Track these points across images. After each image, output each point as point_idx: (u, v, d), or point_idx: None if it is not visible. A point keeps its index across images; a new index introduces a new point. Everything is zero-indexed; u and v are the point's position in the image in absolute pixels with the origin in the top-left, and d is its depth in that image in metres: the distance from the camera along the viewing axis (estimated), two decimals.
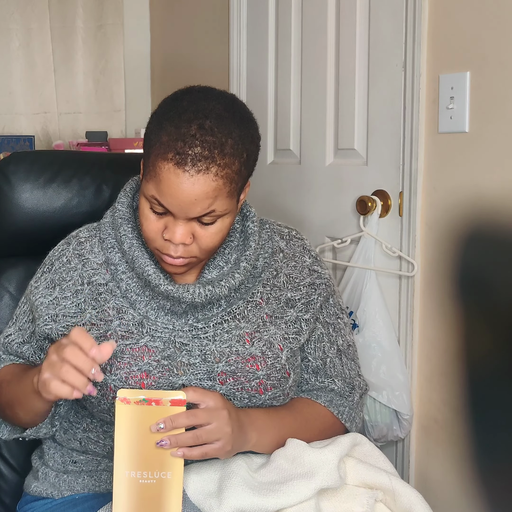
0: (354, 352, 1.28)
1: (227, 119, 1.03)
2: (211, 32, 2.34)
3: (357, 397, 1.25)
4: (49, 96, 2.62)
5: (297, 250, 1.23)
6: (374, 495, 1.09)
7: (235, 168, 1.03)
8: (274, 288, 1.19)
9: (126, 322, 1.14)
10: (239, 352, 1.13)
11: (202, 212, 1.02)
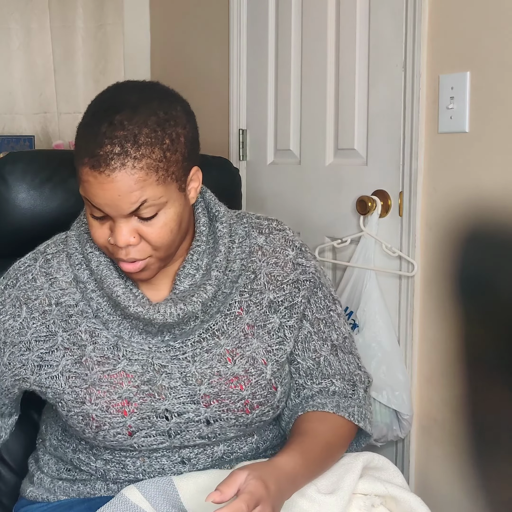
0: (351, 343, 1.22)
1: (141, 108, 0.99)
2: (211, 32, 2.34)
3: (362, 393, 1.19)
4: (49, 96, 2.62)
5: (278, 244, 1.17)
6: (370, 499, 1.09)
7: (156, 156, 0.98)
8: (253, 292, 1.14)
9: (100, 346, 1.10)
10: (221, 373, 1.09)
11: (133, 206, 0.98)
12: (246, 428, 1.13)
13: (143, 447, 1.11)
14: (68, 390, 1.10)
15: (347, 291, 1.73)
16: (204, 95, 2.40)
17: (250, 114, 2.18)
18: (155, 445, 1.11)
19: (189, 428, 1.10)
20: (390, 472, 1.13)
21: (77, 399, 1.10)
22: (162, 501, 1.07)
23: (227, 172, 1.71)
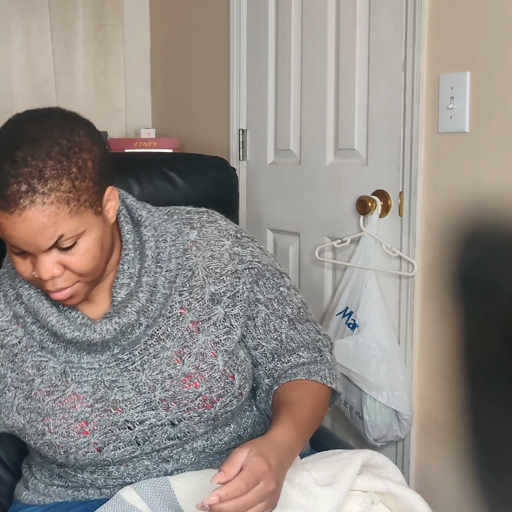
0: (306, 311, 1.23)
1: (42, 141, 0.96)
2: (211, 33, 2.34)
3: (329, 355, 1.22)
4: (49, 96, 2.62)
5: (211, 236, 1.16)
6: (370, 496, 1.09)
7: (65, 187, 0.95)
8: (193, 289, 1.13)
9: (48, 377, 1.11)
10: (172, 376, 1.10)
11: (50, 242, 0.97)
12: (214, 421, 1.13)
13: (116, 459, 1.11)
14: (28, 426, 1.12)
15: (347, 291, 1.73)
16: (204, 95, 2.40)
17: (250, 114, 2.18)
18: (128, 455, 1.11)
19: (155, 433, 1.11)
20: (389, 470, 1.13)
21: (37, 432, 1.11)
22: (158, 502, 1.07)
23: (224, 172, 1.71)
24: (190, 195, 1.61)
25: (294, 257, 2.02)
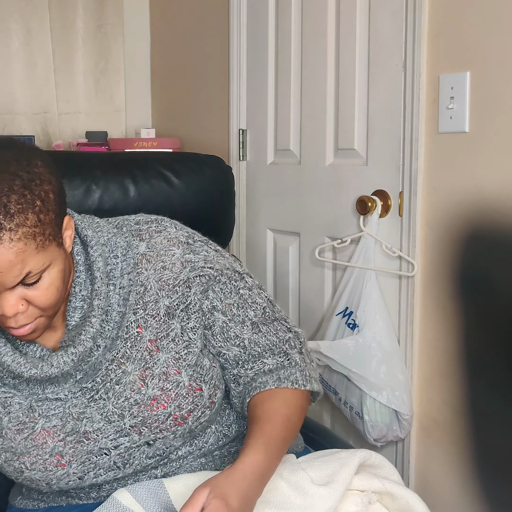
0: (274, 309, 1.16)
1: (2, 174, 0.90)
2: (211, 32, 2.34)
3: (298, 356, 1.13)
4: (49, 96, 2.62)
5: (160, 246, 1.10)
6: (367, 495, 1.09)
7: (31, 222, 0.90)
8: (148, 306, 1.09)
9: (15, 414, 1.07)
10: (138, 401, 1.07)
11: (16, 280, 0.92)
12: (190, 434, 1.12)
13: (101, 483, 1.10)
14: (5, 465, 1.10)
15: (347, 291, 1.73)
16: (204, 95, 2.40)
17: (250, 114, 2.18)
18: (111, 478, 1.10)
19: (133, 455, 1.09)
20: (387, 470, 1.13)
21: (15, 470, 1.09)
22: (153, 504, 1.06)
23: (219, 171, 1.71)
24: (186, 194, 1.61)
25: (294, 257, 2.02)
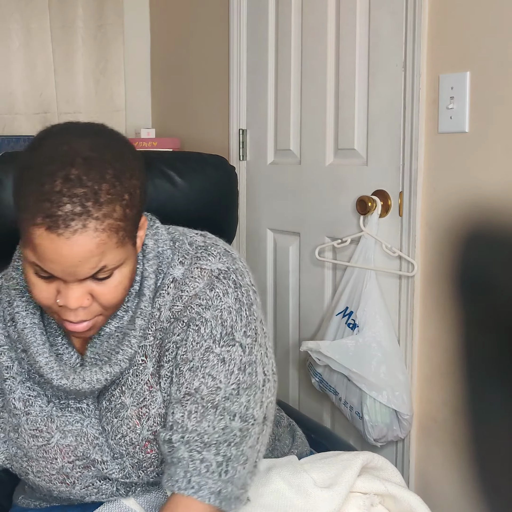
0: (230, 398, 0.97)
1: (96, 161, 0.87)
2: (211, 32, 2.34)
3: (184, 455, 0.96)
4: (49, 96, 2.62)
5: (191, 276, 1.02)
6: (370, 497, 1.09)
7: (117, 215, 0.87)
8: (156, 334, 1.02)
9: (33, 417, 1.05)
10: (133, 441, 1.03)
11: (91, 272, 0.88)
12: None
13: (101, 502, 1.10)
14: (15, 459, 1.09)
15: (347, 291, 1.73)
16: (204, 95, 2.40)
17: (250, 114, 2.18)
18: (113, 498, 1.10)
19: (137, 483, 1.09)
20: (389, 472, 1.13)
21: (21, 468, 1.09)
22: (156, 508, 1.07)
23: (223, 171, 1.71)
24: (189, 193, 1.61)
25: (294, 257, 2.02)
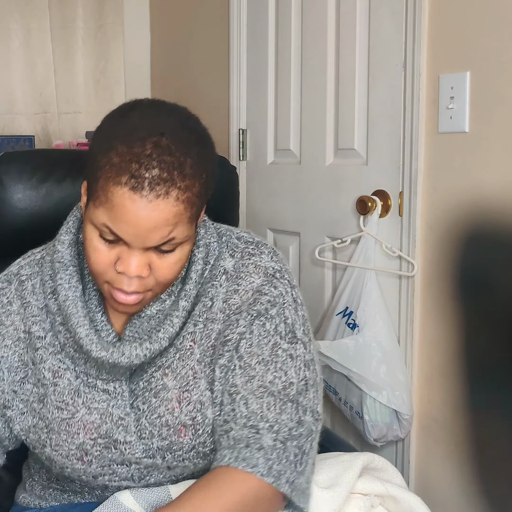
0: (301, 392, 1.00)
1: (183, 136, 0.90)
2: (211, 32, 2.34)
3: (269, 443, 0.96)
4: (49, 96, 2.62)
5: (245, 270, 1.04)
6: (370, 499, 1.09)
7: (196, 190, 0.90)
8: (207, 323, 1.03)
9: (61, 389, 1.04)
10: (169, 423, 1.03)
11: (161, 240, 0.90)
12: (210, 467, 1.05)
13: (111, 486, 1.10)
14: (33, 430, 1.08)
15: (347, 291, 1.73)
16: (204, 95, 2.40)
17: (250, 114, 2.18)
18: (122, 486, 1.09)
19: (152, 473, 1.08)
20: (390, 473, 1.13)
21: (39, 441, 1.07)
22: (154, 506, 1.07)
23: (224, 171, 1.70)
24: None
25: (294, 257, 2.02)
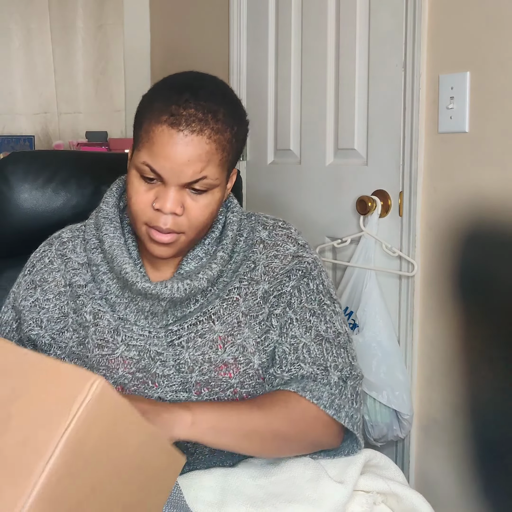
0: (347, 341, 1.15)
1: (218, 94, 1.04)
2: (211, 33, 2.34)
3: (336, 379, 1.10)
4: (49, 96, 2.62)
5: (280, 239, 1.16)
6: (372, 496, 1.09)
7: (227, 136, 1.02)
8: (251, 282, 1.13)
9: (101, 329, 1.11)
10: (211, 360, 1.09)
11: (194, 176, 1.00)
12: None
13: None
14: None
15: (347, 291, 1.73)
16: None
17: (250, 114, 2.17)
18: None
19: (190, 399, 1.10)
20: (392, 471, 1.13)
21: None
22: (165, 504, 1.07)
23: None
24: None
25: None
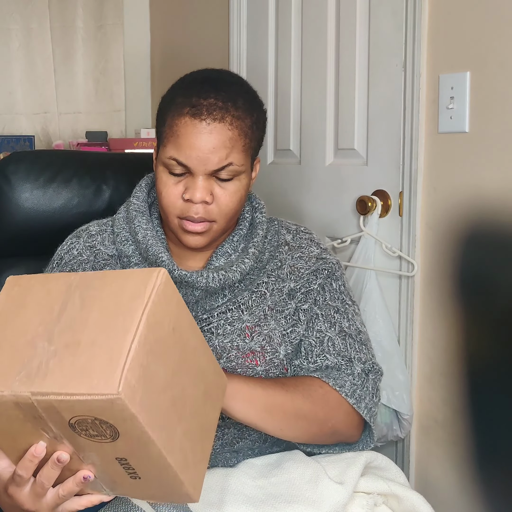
0: (367, 340, 1.21)
1: (236, 84, 1.10)
2: (211, 33, 2.34)
3: (358, 371, 1.16)
4: (49, 96, 2.62)
5: (304, 242, 1.22)
6: (373, 497, 1.09)
7: (248, 122, 1.06)
8: (278, 279, 1.18)
9: None
10: (239, 347, 1.12)
11: (220, 163, 1.04)
12: None
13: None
14: None
15: None
16: None
17: None
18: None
19: None
20: (393, 472, 1.13)
21: None
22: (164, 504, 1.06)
23: None
24: None
25: None
